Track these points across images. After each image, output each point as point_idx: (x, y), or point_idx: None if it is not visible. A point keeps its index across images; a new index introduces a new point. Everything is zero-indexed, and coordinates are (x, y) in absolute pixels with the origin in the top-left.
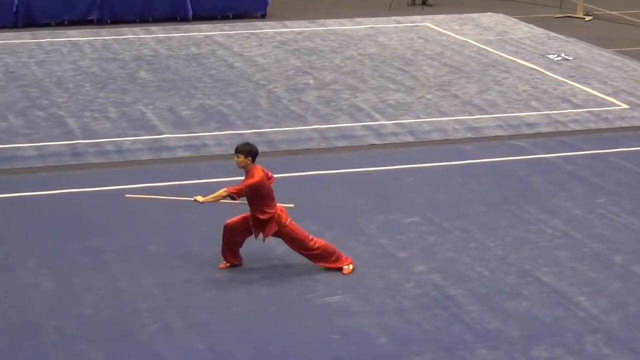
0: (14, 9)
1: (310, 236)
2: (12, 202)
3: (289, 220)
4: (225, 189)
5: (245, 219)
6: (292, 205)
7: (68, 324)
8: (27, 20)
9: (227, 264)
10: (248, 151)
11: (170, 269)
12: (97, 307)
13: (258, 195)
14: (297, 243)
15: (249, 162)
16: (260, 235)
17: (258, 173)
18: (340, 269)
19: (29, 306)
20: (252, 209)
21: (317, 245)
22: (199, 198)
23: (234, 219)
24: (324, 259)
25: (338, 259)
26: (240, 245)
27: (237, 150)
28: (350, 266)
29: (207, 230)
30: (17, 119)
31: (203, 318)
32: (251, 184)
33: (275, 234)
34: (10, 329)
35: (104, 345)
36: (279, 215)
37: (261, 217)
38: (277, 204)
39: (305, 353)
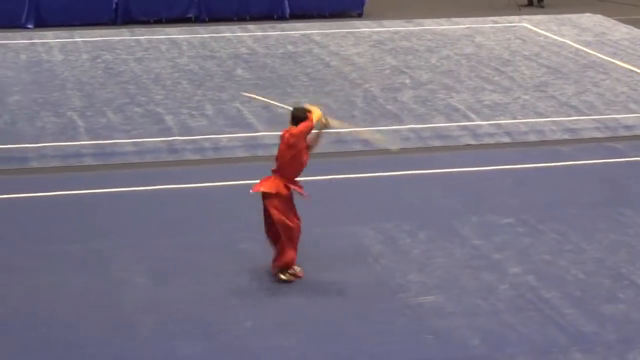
0: (114, 6)
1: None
2: (109, 197)
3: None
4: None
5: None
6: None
7: (161, 320)
8: (125, 18)
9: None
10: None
11: (262, 266)
12: (190, 303)
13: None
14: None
15: None
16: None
17: None
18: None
19: (123, 302)
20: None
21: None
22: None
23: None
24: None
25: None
26: None
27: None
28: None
29: None
30: (115, 115)
31: (295, 316)
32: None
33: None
34: (105, 325)
35: (197, 341)
36: None
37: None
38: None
39: (396, 353)
